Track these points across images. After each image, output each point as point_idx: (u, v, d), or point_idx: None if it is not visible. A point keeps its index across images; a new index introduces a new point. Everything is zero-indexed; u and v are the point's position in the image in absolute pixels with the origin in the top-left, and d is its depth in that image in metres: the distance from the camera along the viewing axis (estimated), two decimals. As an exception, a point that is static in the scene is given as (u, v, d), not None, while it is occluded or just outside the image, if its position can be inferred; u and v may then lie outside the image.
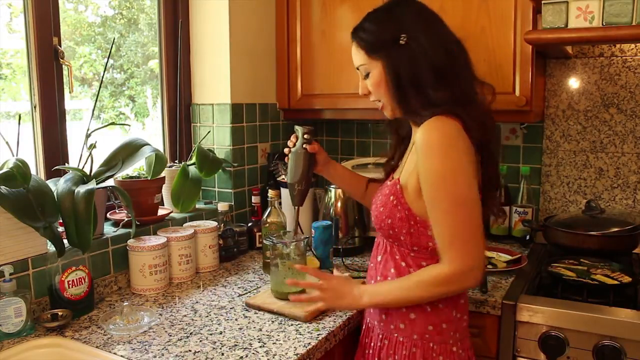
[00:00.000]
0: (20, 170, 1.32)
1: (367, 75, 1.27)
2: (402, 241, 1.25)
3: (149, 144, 1.68)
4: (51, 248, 1.44)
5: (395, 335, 1.29)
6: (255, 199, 2.05)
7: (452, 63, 1.21)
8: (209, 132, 2.10)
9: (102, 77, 1.71)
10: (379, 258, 1.34)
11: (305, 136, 1.47)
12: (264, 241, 1.72)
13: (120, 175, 1.74)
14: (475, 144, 1.19)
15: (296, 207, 1.50)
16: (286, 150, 1.52)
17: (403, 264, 1.26)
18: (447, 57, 1.20)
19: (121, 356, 1.22)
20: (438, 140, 1.15)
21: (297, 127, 1.49)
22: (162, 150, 2.05)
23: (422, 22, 1.22)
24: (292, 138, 1.51)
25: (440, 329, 1.26)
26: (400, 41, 1.19)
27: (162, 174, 1.79)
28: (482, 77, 1.67)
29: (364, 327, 1.42)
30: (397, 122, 1.37)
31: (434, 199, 1.16)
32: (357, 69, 1.30)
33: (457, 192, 1.14)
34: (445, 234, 1.16)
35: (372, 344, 1.35)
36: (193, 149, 2.01)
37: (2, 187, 1.31)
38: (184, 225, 1.85)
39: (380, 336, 1.33)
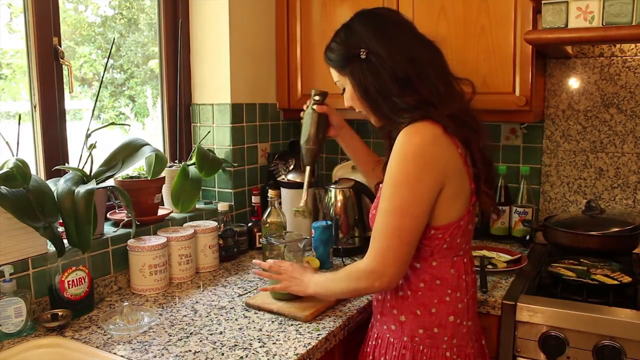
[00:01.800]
0: (20, 170, 1.32)
1: (343, 90, 1.33)
2: None
3: (149, 144, 1.68)
4: (51, 248, 1.44)
5: (387, 335, 1.31)
6: (255, 199, 2.05)
7: (417, 69, 1.21)
8: (209, 132, 2.10)
9: (102, 77, 1.71)
10: None
11: (316, 97, 1.51)
12: (262, 241, 1.73)
13: (120, 175, 1.74)
14: (461, 142, 1.21)
15: (308, 168, 1.53)
16: (301, 113, 1.57)
17: None
18: (409, 65, 1.21)
19: (121, 356, 1.22)
20: (405, 148, 1.17)
21: (312, 90, 1.53)
22: (162, 150, 2.05)
23: (380, 34, 1.24)
24: (307, 101, 1.55)
25: (431, 333, 1.25)
26: (361, 55, 1.23)
27: (162, 174, 1.79)
28: (482, 77, 1.67)
29: (370, 325, 1.43)
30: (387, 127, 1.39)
31: (380, 197, 1.21)
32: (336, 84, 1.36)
33: (398, 201, 1.17)
34: (374, 232, 1.21)
35: (369, 342, 1.38)
36: (193, 149, 2.01)
37: (2, 187, 1.31)
38: (184, 225, 1.85)
39: (375, 335, 1.36)
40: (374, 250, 1.20)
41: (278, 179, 2.11)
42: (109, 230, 1.68)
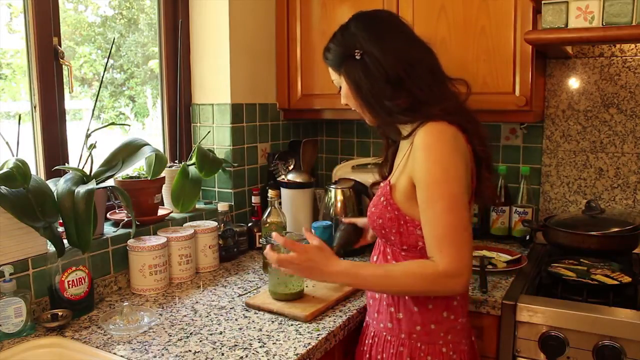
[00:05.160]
0: (20, 170, 1.32)
1: (339, 90, 1.35)
2: (393, 241, 1.28)
3: (149, 144, 1.68)
4: (51, 248, 1.44)
5: (384, 333, 1.32)
6: (255, 199, 2.05)
7: (410, 69, 1.23)
8: (209, 132, 2.10)
9: (102, 77, 1.71)
10: (375, 258, 1.38)
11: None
12: (262, 241, 1.73)
13: (120, 175, 1.74)
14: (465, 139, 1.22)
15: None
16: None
17: (394, 262, 1.29)
18: (402, 65, 1.22)
19: (121, 356, 1.22)
20: (436, 143, 1.17)
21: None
22: (162, 150, 2.05)
23: (374, 36, 1.25)
24: None
25: (429, 330, 1.27)
26: (356, 56, 1.25)
27: (162, 174, 1.79)
28: (482, 77, 1.68)
29: (364, 325, 1.44)
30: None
31: (429, 199, 1.17)
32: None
33: (451, 194, 1.15)
34: (439, 234, 1.16)
35: (366, 341, 1.38)
36: (193, 149, 2.01)
37: (2, 187, 1.31)
38: (184, 225, 1.85)
39: (372, 334, 1.36)
40: (448, 253, 1.14)
41: (278, 179, 2.11)
42: (109, 230, 1.68)
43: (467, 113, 1.25)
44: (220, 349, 1.25)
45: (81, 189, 1.43)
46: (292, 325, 1.38)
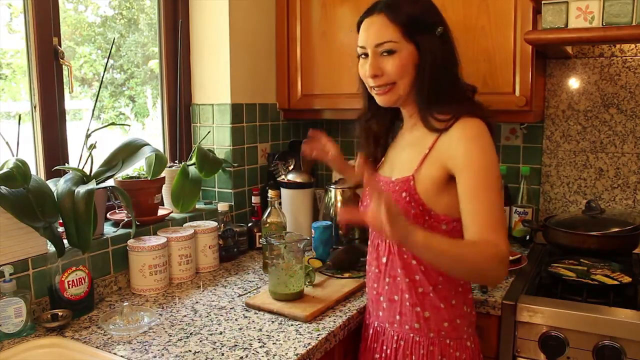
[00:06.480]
0: (20, 170, 1.32)
1: (389, 52, 1.21)
2: None
3: (149, 144, 1.68)
4: (51, 248, 1.44)
5: (411, 335, 1.29)
6: (255, 199, 2.05)
7: (457, 64, 1.28)
8: (209, 132, 2.10)
9: (102, 77, 1.71)
10: (384, 260, 1.32)
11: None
12: (262, 241, 1.73)
13: (120, 175, 1.74)
14: None
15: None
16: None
17: (413, 261, 1.26)
18: (456, 58, 1.28)
19: (121, 356, 1.22)
20: (481, 134, 1.19)
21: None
22: (162, 151, 2.05)
23: (444, 20, 1.27)
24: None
25: (455, 325, 1.27)
26: (438, 30, 1.23)
27: (162, 174, 1.79)
28: (482, 77, 1.69)
29: (371, 332, 1.39)
30: (377, 116, 1.38)
31: (480, 187, 1.15)
32: (378, 45, 1.22)
33: (497, 183, 1.17)
34: (493, 219, 1.13)
35: (384, 347, 1.34)
36: (193, 149, 2.01)
37: (2, 187, 1.31)
38: (184, 225, 1.84)
39: (395, 337, 1.32)
40: (504, 233, 1.13)
41: (278, 179, 2.11)
42: (109, 230, 1.68)
43: (489, 112, 1.27)
44: (220, 349, 1.25)
45: (81, 189, 1.43)
46: (292, 325, 1.38)
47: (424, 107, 1.25)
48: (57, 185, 1.46)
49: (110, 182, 1.62)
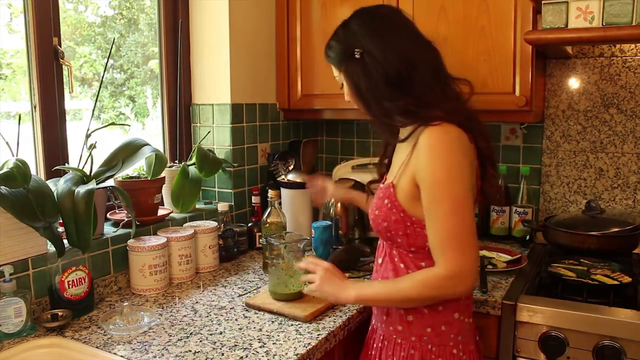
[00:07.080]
0: (20, 170, 1.32)
1: (342, 86, 1.34)
2: (400, 243, 1.26)
3: (149, 144, 1.68)
4: (51, 248, 1.44)
5: (394, 336, 1.30)
6: (255, 199, 2.05)
7: (411, 69, 1.20)
8: (209, 132, 2.10)
9: (102, 77, 1.71)
10: (380, 260, 1.35)
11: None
12: (262, 241, 1.73)
13: (120, 175, 1.74)
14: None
15: None
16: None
17: (402, 265, 1.27)
18: (403, 65, 1.20)
19: (121, 356, 1.22)
20: (439, 144, 1.16)
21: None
22: (162, 151, 2.05)
23: (375, 34, 1.23)
24: None
25: (439, 331, 1.26)
26: (355, 55, 1.23)
27: (162, 174, 1.79)
28: (482, 77, 1.67)
29: (370, 328, 1.43)
30: None
31: (433, 201, 1.16)
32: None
33: (455, 196, 1.14)
34: (442, 237, 1.15)
35: (374, 345, 1.36)
36: (193, 149, 2.01)
37: (2, 187, 1.31)
38: (184, 225, 1.84)
39: (382, 337, 1.34)
40: (451, 255, 1.14)
41: (278, 179, 2.11)
42: (109, 230, 1.68)
43: (468, 112, 1.24)
44: (220, 349, 1.25)
45: (81, 189, 1.43)
46: (292, 325, 1.38)
47: (377, 124, 1.29)
48: (57, 185, 1.46)
49: (110, 182, 1.62)
